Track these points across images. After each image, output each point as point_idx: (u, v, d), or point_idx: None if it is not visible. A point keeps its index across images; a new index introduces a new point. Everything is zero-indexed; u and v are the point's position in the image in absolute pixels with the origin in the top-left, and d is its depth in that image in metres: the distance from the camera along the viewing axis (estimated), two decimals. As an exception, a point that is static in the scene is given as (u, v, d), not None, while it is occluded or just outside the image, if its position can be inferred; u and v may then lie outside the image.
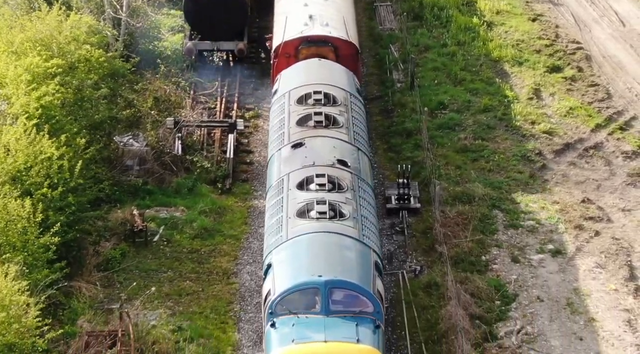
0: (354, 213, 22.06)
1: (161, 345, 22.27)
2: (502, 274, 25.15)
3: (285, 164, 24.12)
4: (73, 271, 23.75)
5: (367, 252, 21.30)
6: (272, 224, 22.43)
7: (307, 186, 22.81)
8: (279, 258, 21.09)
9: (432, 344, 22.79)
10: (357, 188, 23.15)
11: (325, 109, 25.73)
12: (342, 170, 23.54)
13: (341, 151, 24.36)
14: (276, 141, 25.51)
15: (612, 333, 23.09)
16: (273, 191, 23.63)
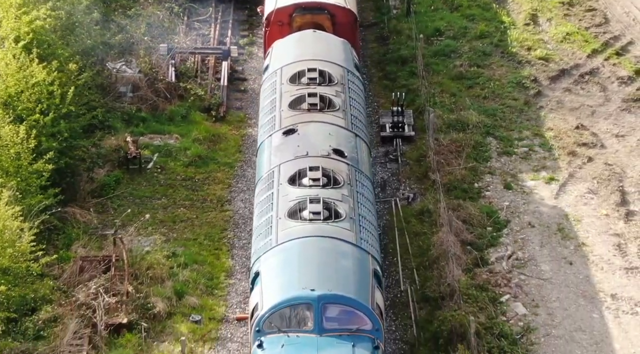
0: (350, 213, 20.12)
1: (155, 270, 22.66)
2: (495, 201, 25.45)
3: (276, 153, 22.01)
4: (67, 197, 23.99)
5: (365, 260, 19.37)
6: (261, 225, 20.43)
7: (299, 180, 20.73)
8: (267, 266, 19.15)
9: (424, 269, 23.18)
10: (355, 182, 21.14)
11: (320, 89, 23.52)
12: (338, 161, 21.47)
13: (337, 138, 22.24)
14: (267, 125, 23.34)
15: (602, 257, 23.51)
16: (262, 185, 21.55)
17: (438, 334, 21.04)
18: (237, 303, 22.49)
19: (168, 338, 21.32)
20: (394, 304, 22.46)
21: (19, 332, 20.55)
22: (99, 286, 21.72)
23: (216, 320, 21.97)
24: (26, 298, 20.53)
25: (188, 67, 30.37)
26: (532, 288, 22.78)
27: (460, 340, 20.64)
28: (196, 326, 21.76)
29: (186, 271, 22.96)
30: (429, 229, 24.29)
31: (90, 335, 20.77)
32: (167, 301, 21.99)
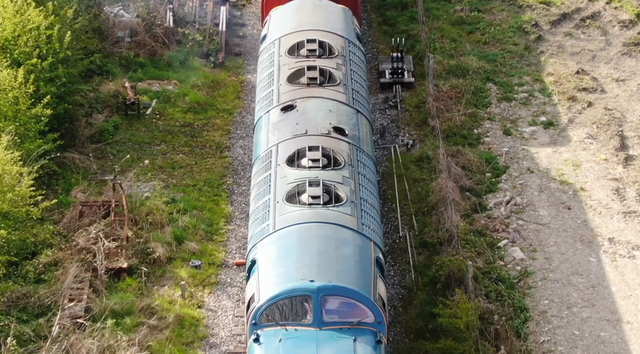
0: (351, 196, 19.22)
1: (155, 216, 22.81)
2: (494, 146, 25.52)
3: (274, 131, 21.07)
4: (66, 143, 24.06)
5: (367, 247, 18.52)
6: (258, 209, 19.53)
7: (298, 160, 19.87)
8: (264, 254, 18.25)
9: (422, 215, 23.34)
10: (356, 162, 20.28)
11: (320, 62, 22.55)
12: (339, 140, 20.52)
13: (338, 115, 21.28)
14: (264, 100, 22.37)
15: (600, 202, 23.67)
16: (260, 165, 20.64)
17: (436, 278, 21.25)
18: (236, 248, 22.69)
19: (168, 283, 21.55)
20: (392, 250, 22.65)
21: (20, 275, 20.80)
22: (98, 231, 21.90)
23: (216, 265, 22.18)
24: (26, 242, 20.72)
25: (186, 12, 30.22)
26: (530, 233, 22.97)
27: (458, 284, 20.86)
28: (196, 271, 21.98)
29: (186, 217, 23.10)
30: (428, 176, 24.39)
31: (90, 279, 21.00)
32: (166, 246, 22.18)
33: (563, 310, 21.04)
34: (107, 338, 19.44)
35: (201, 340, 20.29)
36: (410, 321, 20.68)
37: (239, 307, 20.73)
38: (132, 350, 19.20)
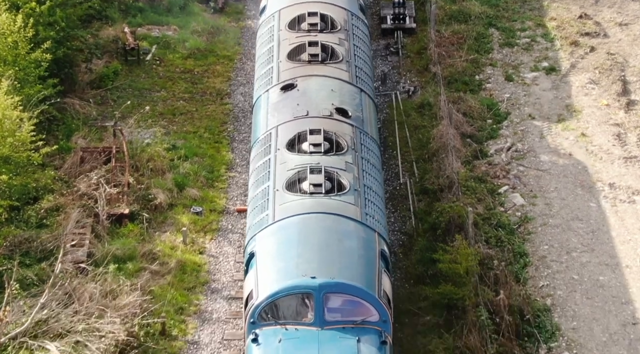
0: (355, 184, 18.32)
1: (156, 163, 22.90)
2: (495, 93, 25.52)
3: (273, 112, 20.12)
4: (66, 88, 24.10)
5: (372, 239, 17.56)
6: (257, 197, 18.61)
7: (299, 145, 18.94)
8: (263, 247, 17.31)
9: (423, 162, 23.41)
10: (359, 146, 19.32)
11: (321, 37, 21.55)
12: (342, 122, 19.57)
13: (341, 95, 20.33)
14: (264, 78, 21.41)
15: (601, 147, 23.73)
16: (259, 148, 19.68)
17: (436, 225, 21.41)
18: (237, 195, 22.81)
19: (170, 229, 21.72)
20: (393, 197, 22.77)
21: (22, 220, 20.95)
22: (99, 177, 22.01)
23: (217, 212, 22.33)
24: (28, 187, 20.84)
25: (185, -45, 29.99)
26: (530, 179, 23.07)
27: (458, 230, 21.01)
28: (197, 217, 22.14)
29: (186, 164, 23.20)
30: (429, 122, 24.41)
31: (92, 225, 21.17)
32: (168, 192, 22.31)
33: (562, 255, 21.24)
34: (110, 283, 19.66)
35: (203, 285, 20.52)
36: (410, 266, 20.88)
37: (240, 253, 20.91)
38: (134, 294, 19.42)
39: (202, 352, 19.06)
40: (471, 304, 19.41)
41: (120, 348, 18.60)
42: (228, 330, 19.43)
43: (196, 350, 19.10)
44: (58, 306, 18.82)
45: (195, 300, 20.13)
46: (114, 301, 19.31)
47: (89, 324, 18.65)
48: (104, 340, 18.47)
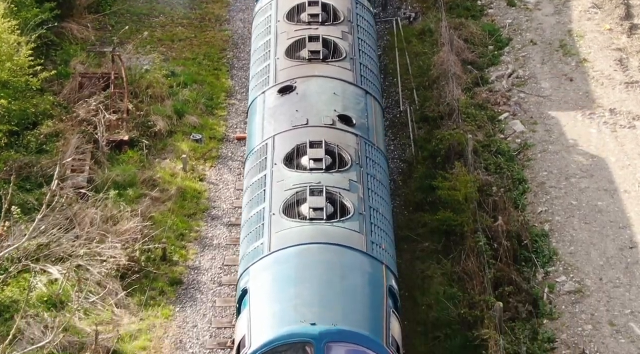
0: (360, 206, 16.45)
1: (155, 89, 22.90)
2: (497, 18, 25.39)
3: (270, 119, 18.33)
4: (63, 12, 23.94)
5: (379, 274, 15.69)
6: (251, 221, 16.73)
7: (297, 159, 17.13)
8: (257, 284, 15.44)
9: (423, 90, 23.40)
10: (365, 160, 17.54)
11: (323, 30, 19.71)
12: (345, 132, 17.78)
13: (344, 98, 18.51)
14: (259, 77, 19.63)
15: (603, 73, 23.69)
16: (254, 161, 17.92)
17: (436, 152, 21.51)
18: (237, 123, 22.87)
19: (169, 156, 21.84)
20: (393, 124, 22.84)
21: (22, 145, 21.09)
22: (99, 103, 22.04)
23: (216, 139, 22.42)
24: (26, 112, 20.92)
25: None
26: (531, 106, 23.11)
27: (457, 158, 21.12)
28: (197, 144, 22.24)
29: (186, 91, 23.21)
30: (430, 49, 24.34)
31: (92, 151, 21.30)
32: (167, 119, 22.36)
33: (561, 181, 21.39)
34: (110, 208, 19.87)
35: (203, 212, 20.71)
36: (409, 194, 21.05)
37: (240, 180, 21.07)
38: (135, 220, 19.65)
39: (203, 277, 19.34)
40: (469, 231, 19.64)
41: (122, 272, 18.89)
42: (228, 256, 19.70)
43: (197, 275, 19.38)
44: (59, 230, 19.09)
45: (196, 226, 20.35)
46: (115, 227, 19.53)
47: (90, 248, 18.93)
48: (106, 265, 18.77)
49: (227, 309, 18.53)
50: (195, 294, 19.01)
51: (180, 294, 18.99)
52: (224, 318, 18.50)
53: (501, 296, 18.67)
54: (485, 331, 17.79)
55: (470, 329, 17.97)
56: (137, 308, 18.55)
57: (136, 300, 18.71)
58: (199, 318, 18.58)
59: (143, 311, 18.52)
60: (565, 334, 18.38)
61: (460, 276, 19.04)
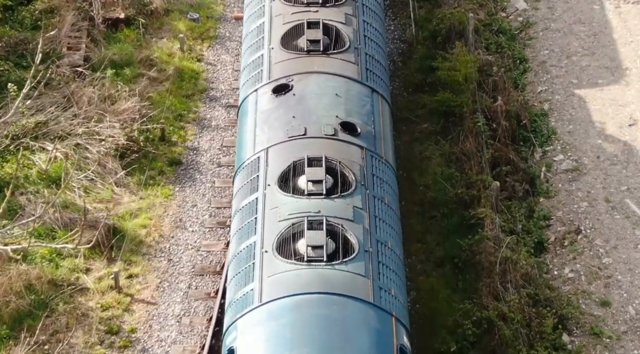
0: (365, 241, 14.18)
1: None
2: None
3: (262, 126, 16.08)
4: None
5: (388, 330, 13.50)
6: (240, 257, 14.48)
7: (294, 179, 14.85)
8: (247, 343, 13.28)
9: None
10: (371, 179, 15.22)
11: (324, 13, 17.37)
12: (349, 144, 15.53)
13: (347, 100, 16.24)
14: (252, 70, 17.34)
15: (606, -53, 23.30)
16: (244, 178, 15.58)
17: (436, 32, 21.34)
18: (235, 1, 22.65)
19: (166, 35, 21.71)
20: (393, 4, 22.59)
21: (16, 21, 20.93)
22: (94, -21, 21.79)
23: (214, 19, 22.23)
24: (21, -15, 20.61)
25: None
26: (534, -11, 22.83)
27: (458, 37, 21.01)
28: (194, 24, 22.08)
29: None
30: None
31: (88, 28, 21.16)
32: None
33: (562, 59, 21.31)
34: (108, 87, 19.88)
35: (201, 93, 20.72)
36: (409, 75, 20.99)
37: (238, 61, 20.98)
38: (133, 100, 19.69)
39: (202, 158, 19.51)
40: (469, 111, 19.69)
41: (121, 152, 19.05)
42: (227, 137, 19.81)
43: (196, 156, 19.54)
44: (57, 109, 19.15)
45: (194, 107, 20.40)
46: (113, 106, 19.58)
47: (88, 127, 19.03)
48: (104, 144, 18.91)
49: (226, 189, 18.75)
50: (195, 174, 19.20)
51: (179, 175, 19.18)
52: (223, 198, 18.72)
53: (498, 175, 18.86)
54: (481, 210, 18.05)
55: (467, 209, 18.20)
56: (136, 187, 18.75)
57: (135, 180, 18.90)
58: (198, 198, 18.81)
59: (143, 190, 18.71)
60: (560, 212, 18.65)
61: (458, 156, 19.18)
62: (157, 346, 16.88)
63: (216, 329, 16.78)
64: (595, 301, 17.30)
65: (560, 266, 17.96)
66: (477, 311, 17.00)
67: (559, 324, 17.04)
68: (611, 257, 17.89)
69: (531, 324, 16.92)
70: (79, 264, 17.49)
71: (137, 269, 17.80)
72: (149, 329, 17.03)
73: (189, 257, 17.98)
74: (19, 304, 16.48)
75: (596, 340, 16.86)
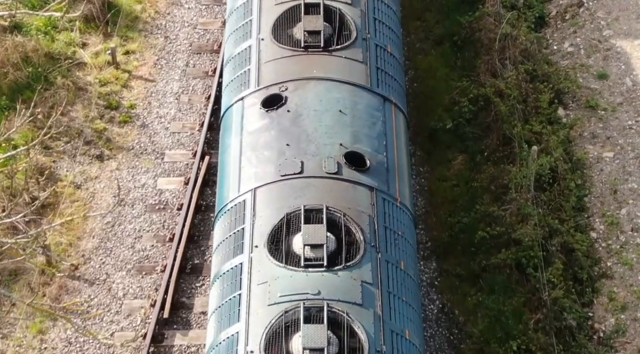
0: (377, 338, 11.24)
1: None
2: None
3: (250, 153, 13.12)
4: None
5: None
6: (219, 351, 11.61)
7: (288, 239, 12.01)
8: None
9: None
10: (384, 236, 12.30)
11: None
12: (355, 185, 12.59)
13: (354, 119, 13.22)
14: (236, 67, 14.27)
15: None
16: (226, 229, 12.74)
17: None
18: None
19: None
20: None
21: None
22: None
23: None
24: None
25: None
26: None
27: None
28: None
29: None
30: None
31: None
32: None
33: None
34: None
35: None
36: None
37: None
38: None
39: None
40: None
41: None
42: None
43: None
44: None
45: None
46: None
47: None
48: None
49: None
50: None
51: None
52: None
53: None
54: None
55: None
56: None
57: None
58: (192, -27, 18.46)
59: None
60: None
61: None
62: (157, 122, 17.25)
63: (215, 108, 17.08)
64: (593, 74, 17.52)
65: (560, 40, 18.00)
66: (474, 88, 17.19)
67: (555, 98, 17.34)
68: (612, 29, 17.50)
69: (527, 99, 17.21)
70: (75, 38, 17.63)
71: (134, 45, 17.96)
72: (148, 105, 17.35)
73: (186, 34, 18.07)
74: (16, 76, 16.69)
75: (591, 113, 17.16)
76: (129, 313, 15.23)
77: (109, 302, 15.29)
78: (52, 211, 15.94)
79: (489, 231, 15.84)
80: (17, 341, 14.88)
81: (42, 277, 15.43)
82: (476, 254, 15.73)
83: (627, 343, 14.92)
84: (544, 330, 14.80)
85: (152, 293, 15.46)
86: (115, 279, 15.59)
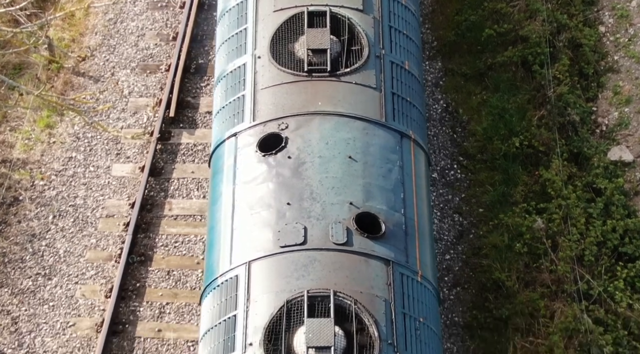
0: None
1: None
2: None
3: (244, 213, 10.98)
4: None
5: None
6: None
7: (288, 335, 9.98)
8: None
9: None
10: (403, 328, 10.18)
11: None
12: (368, 258, 10.37)
13: (366, 167, 11.02)
14: (229, 91, 12.05)
15: None
16: (215, 313, 10.69)
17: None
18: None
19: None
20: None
21: None
22: None
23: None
24: None
25: None
26: None
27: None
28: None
29: None
30: None
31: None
32: None
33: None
34: None
35: None
36: None
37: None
38: None
39: None
40: None
41: None
42: None
43: None
44: None
45: None
46: None
47: None
48: None
49: None
50: None
51: None
52: None
53: None
54: None
55: None
56: None
57: None
58: None
59: None
60: None
61: None
62: None
63: None
64: None
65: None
66: None
67: None
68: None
69: None
70: None
71: None
72: None
73: None
74: None
75: None
76: (135, 110, 15.47)
77: (115, 99, 15.38)
78: (52, 4, 15.48)
79: (496, 29, 15.94)
80: (26, 134, 15.17)
81: (47, 72, 15.31)
82: (482, 52, 15.85)
83: (629, 135, 15.25)
84: (547, 126, 15.22)
85: (157, 91, 15.53)
86: (120, 76, 15.55)
